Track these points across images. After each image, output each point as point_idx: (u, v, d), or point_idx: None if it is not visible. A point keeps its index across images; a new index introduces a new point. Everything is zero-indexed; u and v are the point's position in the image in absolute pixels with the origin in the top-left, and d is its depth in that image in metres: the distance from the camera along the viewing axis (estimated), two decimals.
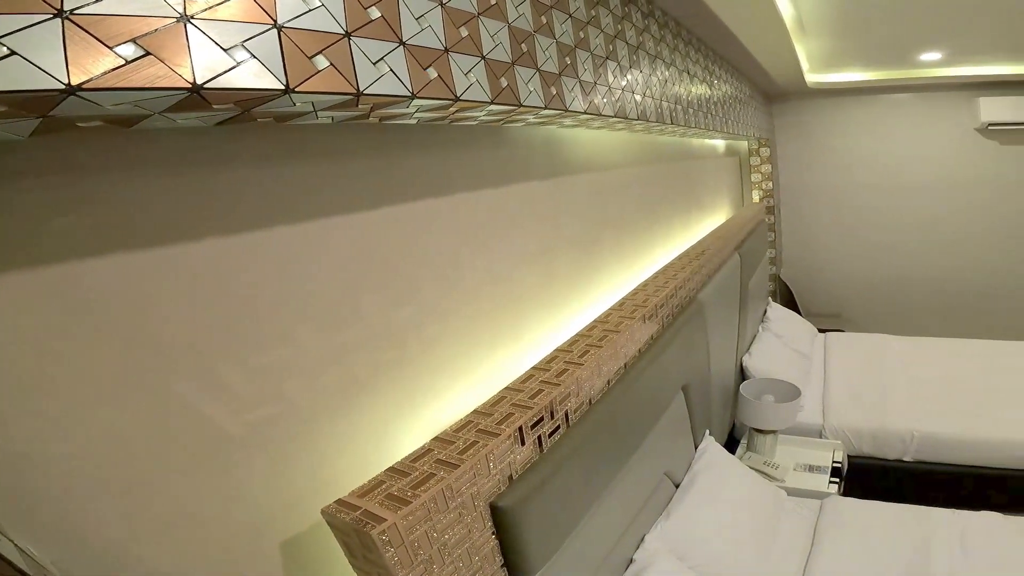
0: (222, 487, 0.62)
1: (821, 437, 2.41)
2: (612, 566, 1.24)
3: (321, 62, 0.50)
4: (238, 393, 0.63)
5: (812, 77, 3.64)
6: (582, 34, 1.07)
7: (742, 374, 2.49)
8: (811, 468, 2.18)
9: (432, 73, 0.62)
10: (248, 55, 0.44)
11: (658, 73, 1.53)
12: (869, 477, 2.39)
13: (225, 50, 0.43)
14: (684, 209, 2.35)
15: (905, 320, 4.20)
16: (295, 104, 0.51)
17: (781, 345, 2.76)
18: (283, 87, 0.46)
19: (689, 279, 1.62)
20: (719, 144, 3.31)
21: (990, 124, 3.66)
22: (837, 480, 2.10)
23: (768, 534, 1.69)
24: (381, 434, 0.83)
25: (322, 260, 0.72)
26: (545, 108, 0.88)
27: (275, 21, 0.46)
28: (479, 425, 0.82)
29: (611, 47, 1.20)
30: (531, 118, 0.94)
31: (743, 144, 3.99)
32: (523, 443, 0.85)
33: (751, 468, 2.02)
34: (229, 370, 0.62)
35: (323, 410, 0.73)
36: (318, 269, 0.71)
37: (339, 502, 0.67)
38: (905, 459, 2.36)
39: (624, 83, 1.26)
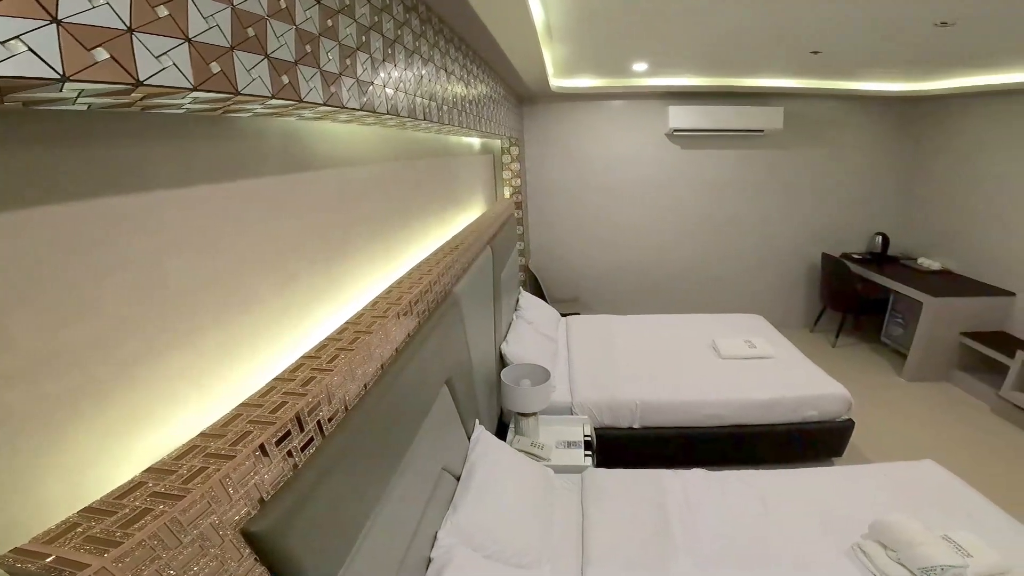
0: None
1: (572, 414, 2.71)
2: (411, 568, 1.26)
3: None
4: None
5: (556, 82, 4.06)
6: (330, 22, 1.05)
7: (502, 361, 2.71)
8: (569, 444, 2.42)
9: (101, 54, 0.54)
10: None
11: (415, 68, 1.57)
12: (614, 446, 2.74)
13: None
14: (441, 205, 2.48)
15: (626, 301, 5.19)
16: None
17: (532, 331, 3.10)
18: None
19: (444, 273, 1.73)
20: (475, 142, 3.56)
21: (675, 130, 4.66)
22: (590, 453, 2.37)
23: (547, 512, 1.87)
24: (75, 476, 0.70)
25: None
26: (273, 98, 0.85)
27: None
28: (208, 449, 0.76)
29: (364, 38, 1.20)
30: (258, 108, 0.89)
31: (497, 143, 4.35)
32: (269, 461, 0.82)
33: (520, 451, 2.19)
34: None
35: None
36: None
37: (17, 551, 0.57)
38: (635, 426, 2.77)
39: (376, 76, 1.27)
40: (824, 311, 5.08)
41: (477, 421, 2.00)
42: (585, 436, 2.50)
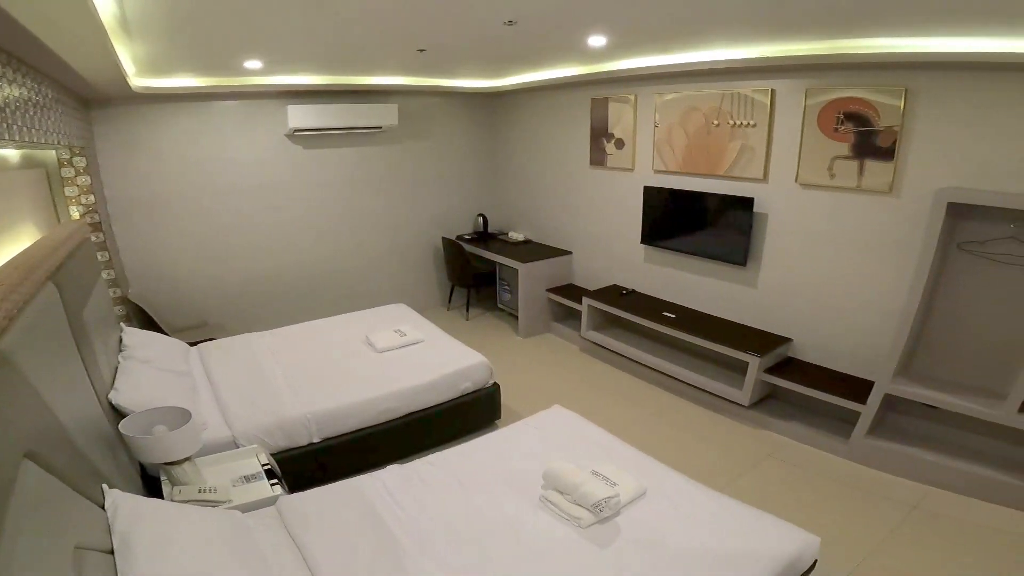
0: None
1: (237, 447, 2.47)
2: None
3: None
4: None
5: (139, 82, 3.53)
6: None
7: (117, 412, 2.22)
8: (247, 478, 2.23)
9: None
10: None
11: None
12: (303, 467, 2.62)
13: None
14: None
15: (267, 314, 4.85)
16: None
17: (152, 370, 2.62)
18: None
19: None
20: (9, 155, 2.71)
21: (296, 130, 4.56)
22: (276, 481, 2.22)
23: (252, 555, 1.65)
24: None
25: None
26: None
27: None
28: None
29: None
30: None
31: (51, 154, 3.43)
32: None
33: (187, 502, 1.92)
34: None
35: None
36: None
37: None
38: (315, 440, 2.69)
39: None
40: (453, 289, 5.85)
41: (105, 486, 1.64)
42: (263, 465, 2.32)
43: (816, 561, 1.94)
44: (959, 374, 2.84)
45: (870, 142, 2.95)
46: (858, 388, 3.10)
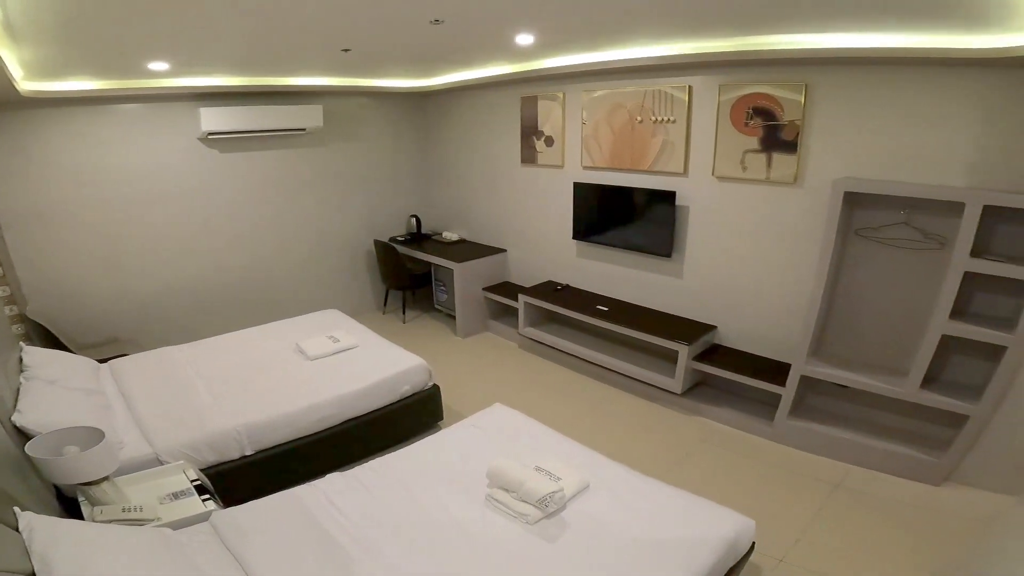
0: None
1: (161, 464, 2.38)
2: None
3: None
4: None
5: (29, 85, 3.31)
6: None
7: (23, 435, 2.12)
8: (176, 496, 2.16)
9: None
10: None
11: None
12: (237, 481, 2.55)
13: None
14: None
15: (186, 326, 4.60)
16: None
17: (58, 390, 2.49)
18: None
19: None
20: None
21: (210, 133, 4.35)
22: (208, 496, 2.17)
23: (192, 573, 1.61)
24: None
25: None
26: None
27: None
28: None
29: None
30: None
31: None
32: None
33: (112, 521, 1.86)
34: None
35: None
36: None
37: None
38: (247, 453, 2.62)
39: None
40: (388, 292, 5.79)
41: (17, 509, 1.58)
42: (193, 481, 2.25)
43: (754, 544, 2.07)
44: (865, 353, 3.12)
45: (776, 136, 3.20)
46: (778, 371, 3.33)
